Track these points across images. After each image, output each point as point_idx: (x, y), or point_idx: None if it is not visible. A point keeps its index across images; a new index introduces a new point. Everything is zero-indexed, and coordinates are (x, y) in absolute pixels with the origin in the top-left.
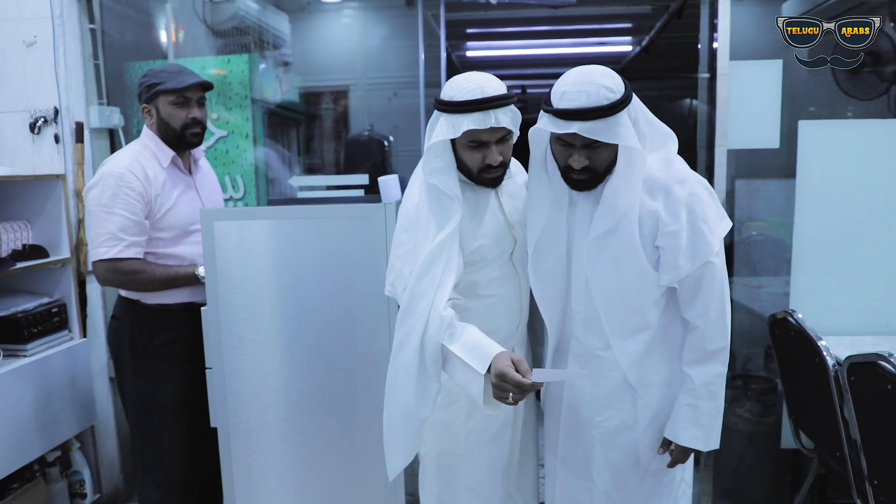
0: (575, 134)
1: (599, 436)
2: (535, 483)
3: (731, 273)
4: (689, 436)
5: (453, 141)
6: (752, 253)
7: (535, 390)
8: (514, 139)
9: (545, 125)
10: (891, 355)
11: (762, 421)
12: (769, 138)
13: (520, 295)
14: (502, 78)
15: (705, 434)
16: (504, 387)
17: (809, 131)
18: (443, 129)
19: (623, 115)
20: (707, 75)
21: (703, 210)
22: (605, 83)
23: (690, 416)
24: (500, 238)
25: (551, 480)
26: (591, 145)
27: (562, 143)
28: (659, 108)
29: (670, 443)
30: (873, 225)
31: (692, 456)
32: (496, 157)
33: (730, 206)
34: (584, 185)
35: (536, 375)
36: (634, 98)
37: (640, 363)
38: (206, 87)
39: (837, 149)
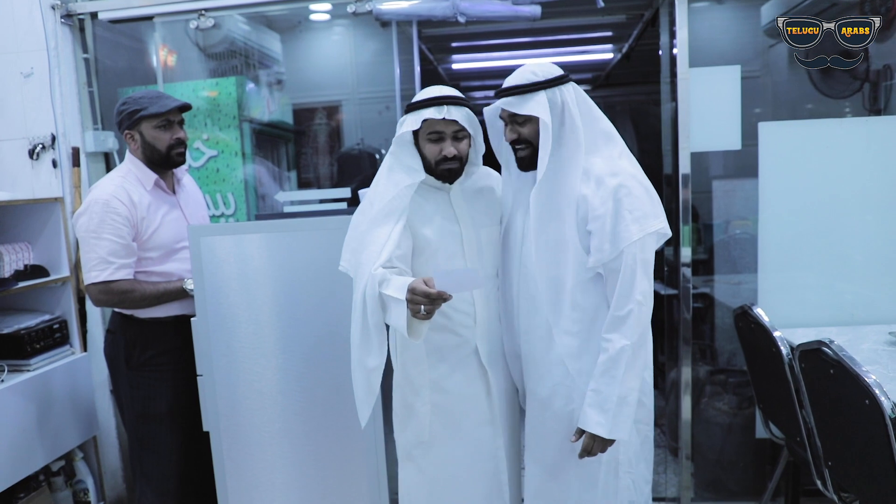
0: (501, 109)
1: (550, 422)
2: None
3: (711, 271)
4: (592, 421)
5: (418, 141)
6: (732, 251)
7: (443, 299)
8: (475, 145)
9: (492, 107)
10: (832, 342)
11: (739, 412)
12: (731, 140)
13: (472, 295)
14: (489, 88)
15: (609, 420)
16: (414, 299)
17: (769, 132)
18: (408, 123)
19: (540, 94)
20: (671, 81)
21: (631, 202)
22: (532, 69)
23: (594, 400)
24: (444, 232)
25: (528, 471)
26: (516, 119)
27: (504, 123)
28: (645, 113)
29: (583, 431)
30: (835, 220)
31: (634, 450)
32: (451, 150)
33: (708, 206)
34: (524, 162)
35: (438, 282)
36: (569, 88)
37: (578, 351)
38: (184, 108)
39: (797, 148)
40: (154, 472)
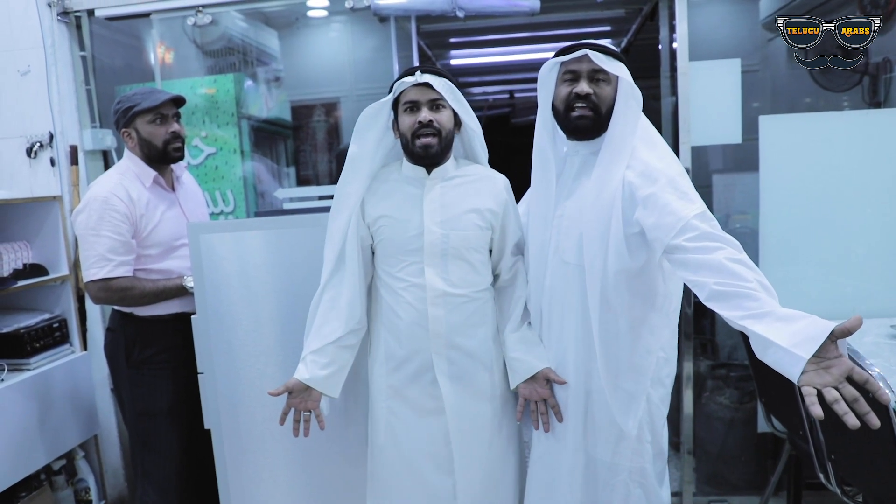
0: (585, 56)
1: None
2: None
3: None
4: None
5: (396, 121)
6: None
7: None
8: (467, 132)
9: (555, 60)
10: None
11: (741, 407)
12: (731, 134)
13: (426, 305)
14: (488, 84)
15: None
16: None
17: (770, 125)
18: (387, 98)
19: (624, 67)
20: (670, 75)
21: (686, 183)
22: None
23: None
24: (406, 229)
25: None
26: (595, 78)
27: (568, 79)
28: (644, 108)
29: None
30: (836, 214)
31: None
32: (426, 116)
33: (708, 200)
34: (585, 125)
35: None
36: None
37: (607, 332)
38: (178, 102)
39: (798, 141)
40: (155, 470)
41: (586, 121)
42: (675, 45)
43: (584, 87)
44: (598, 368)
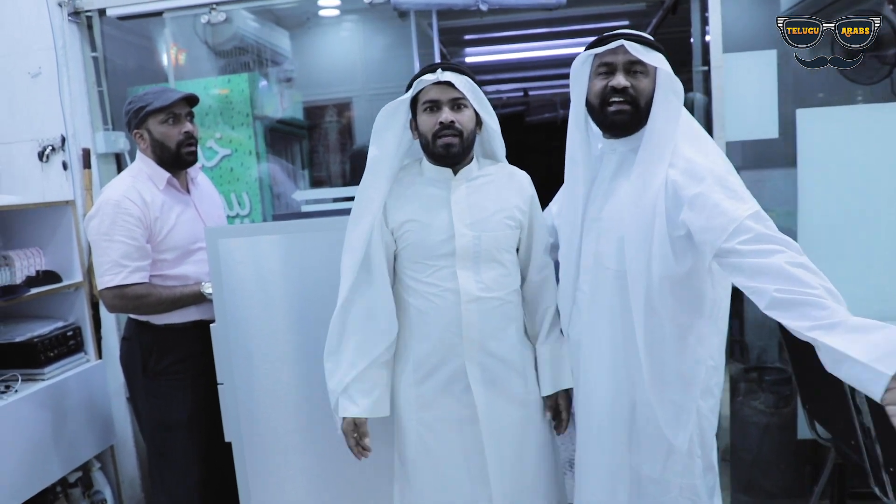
0: (621, 47)
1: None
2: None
3: None
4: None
5: (414, 119)
6: None
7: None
8: (488, 131)
9: (588, 53)
10: None
11: (777, 412)
12: (767, 128)
13: (460, 310)
14: (504, 81)
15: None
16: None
17: (808, 119)
18: (405, 96)
19: (663, 58)
20: (702, 69)
21: (735, 181)
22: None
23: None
24: (435, 233)
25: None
26: (632, 70)
27: (603, 72)
28: None
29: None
30: (878, 210)
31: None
32: (447, 116)
33: None
34: (623, 120)
35: None
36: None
37: (653, 340)
38: (191, 101)
39: (836, 135)
40: (174, 483)
41: (624, 116)
42: (707, 37)
43: (620, 79)
44: (643, 379)
